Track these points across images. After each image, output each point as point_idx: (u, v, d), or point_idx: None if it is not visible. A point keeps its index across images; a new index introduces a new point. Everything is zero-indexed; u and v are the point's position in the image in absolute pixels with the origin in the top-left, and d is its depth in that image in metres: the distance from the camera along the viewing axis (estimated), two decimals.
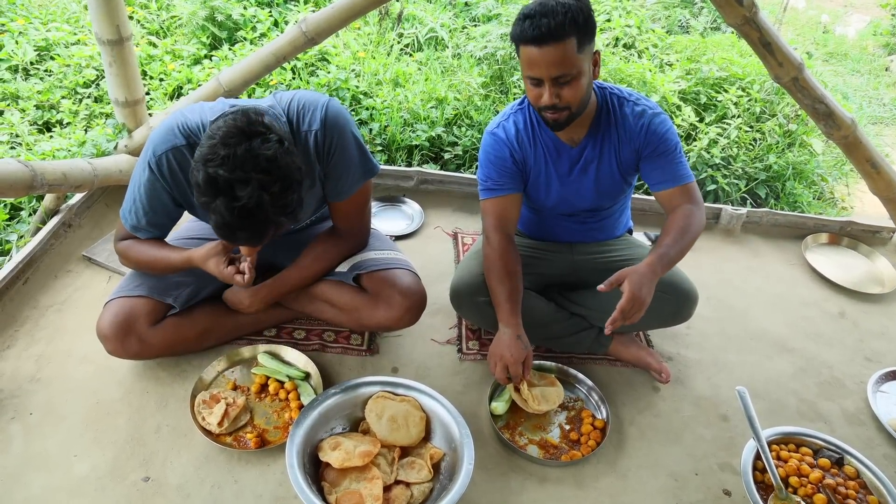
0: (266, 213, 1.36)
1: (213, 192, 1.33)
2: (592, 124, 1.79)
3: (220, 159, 1.31)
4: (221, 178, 1.31)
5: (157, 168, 1.59)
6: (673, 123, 1.81)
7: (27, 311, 2.03)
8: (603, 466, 1.72)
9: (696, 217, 1.75)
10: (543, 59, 1.56)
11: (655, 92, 3.85)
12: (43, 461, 1.60)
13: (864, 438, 1.89)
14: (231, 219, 1.35)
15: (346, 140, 1.66)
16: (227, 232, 1.40)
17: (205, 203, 1.36)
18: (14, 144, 2.92)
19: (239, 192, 1.32)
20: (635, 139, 1.78)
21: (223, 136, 1.33)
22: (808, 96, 2.25)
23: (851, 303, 2.49)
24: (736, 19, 2.07)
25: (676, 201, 1.79)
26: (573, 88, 1.61)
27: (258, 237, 1.42)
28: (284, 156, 1.37)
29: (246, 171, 1.32)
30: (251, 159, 1.32)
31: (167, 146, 1.57)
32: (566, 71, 1.58)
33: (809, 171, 3.68)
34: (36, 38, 3.63)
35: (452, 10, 4.90)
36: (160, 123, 1.62)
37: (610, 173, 1.84)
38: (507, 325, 1.75)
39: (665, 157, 1.77)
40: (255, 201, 1.33)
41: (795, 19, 7.35)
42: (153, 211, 1.67)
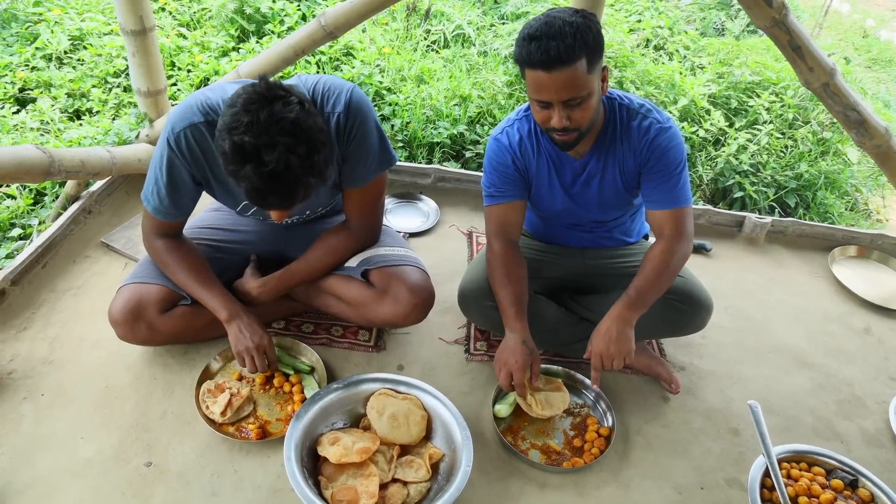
0: (295, 175, 1.36)
1: (240, 159, 1.33)
2: (598, 137, 1.73)
3: (244, 126, 1.31)
4: (248, 145, 1.31)
5: (175, 145, 1.60)
6: (682, 140, 1.73)
7: (45, 294, 2.07)
8: (605, 475, 1.69)
9: (678, 252, 1.71)
10: (553, 83, 1.49)
11: (684, 95, 3.77)
12: (50, 442, 1.63)
13: (883, 461, 1.81)
14: (261, 184, 1.34)
15: (367, 126, 1.66)
16: (257, 197, 1.39)
17: (233, 171, 1.36)
18: (44, 131, 2.99)
19: (266, 157, 1.32)
20: (639, 154, 1.71)
21: (244, 103, 1.34)
22: (840, 103, 2.17)
23: (878, 319, 2.40)
24: (764, 21, 2.00)
25: (663, 229, 1.73)
26: (584, 110, 1.54)
27: (289, 200, 1.42)
28: (307, 117, 1.37)
29: (271, 135, 1.32)
30: (275, 123, 1.32)
31: (185, 123, 1.58)
32: (577, 94, 1.51)
33: (843, 180, 3.56)
34: (71, 27, 3.71)
35: (481, 7, 4.88)
36: (179, 103, 1.63)
37: (614, 187, 1.78)
38: (513, 330, 1.72)
39: (664, 175, 1.69)
40: (284, 164, 1.32)
41: (838, 23, 7.14)
42: (174, 190, 1.67)
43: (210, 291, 1.75)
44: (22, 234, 2.37)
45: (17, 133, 2.93)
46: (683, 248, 1.72)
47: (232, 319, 1.72)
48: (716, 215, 2.78)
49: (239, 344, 1.71)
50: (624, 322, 1.66)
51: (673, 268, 1.71)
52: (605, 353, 1.66)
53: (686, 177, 1.73)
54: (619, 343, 1.65)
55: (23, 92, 3.28)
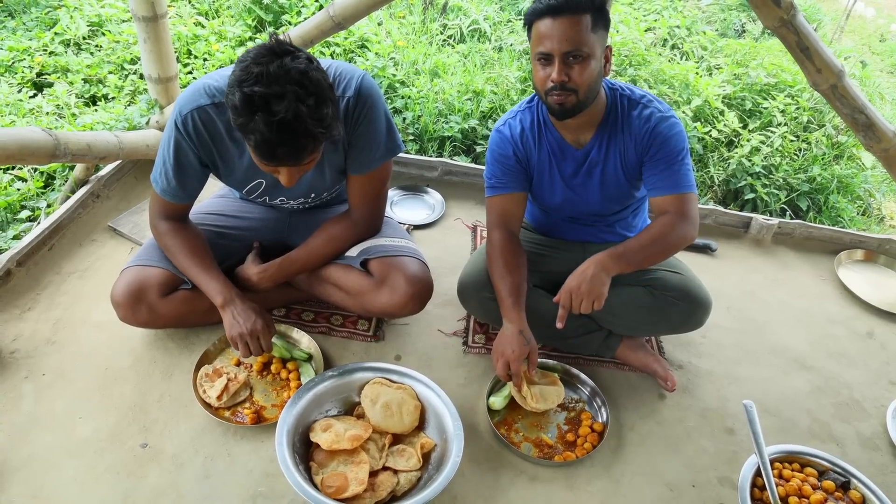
0: (305, 125, 1.36)
1: (250, 110, 1.34)
2: (600, 126, 1.74)
3: (254, 77, 1.33)
4: (258, 95, 1.32)
5: (182, 127, 1.62)
6: (684, 128, 1.74)
7: (50, 276, 2.11)
8: (597, 470, 1.69)
9: (679, 229, 1.69)
10: (557, 30, 1.54)
11: (698, 95, 3.74)
12: (49, 421, 1.65)
13: (878, 464, 1.80)
14: (270, 134, 1.35)
15: (376, 112, 1.68)
16: (267, 150, 1.40)
17: (243, 124, 1.37)
18: (59, 116, 3.04)
19: (276, 107, 1.33)
20: (640, 142, 1.72)
21: (254, 57, 1.36)
22: (848, 105, 2.15)
23: (882, 323, 2.38)
24: (772, 21, 1.99)
25: (666, 209, 1.72)
26: (583, 70, 1.57)
27: (298, 153, 1.42)
28: (315, 71, 1.38)
29: (281, 84, 1.33)
30: (284, 74, 1.33)
31: (192, 106, 1.61)
32: (578, 47, 1.54)
33: (856, 185, 3.52)
34: (90, 13, 3.76)
35: (498, 2, 4.87)
36: (188, 87, 1.66)
37: (615, 178, 1.79)
38: (510, 321, 1.73)
39: (665, 162, 1.70)
40: (293, 113, 1.33)
41: (862, 28, 7.03)
42: (181, 172, 1.70)
43: (208, 276, 1.76)
44: (31, 217, 2.41)
45: (33, 117, 2.98)
46: (685, 228, 1.70)
47: (226, 305, 1.74)
48: (722, 216, 2.76)
49: (232, 329, 1.72)
50: (602, 267, 1.64)
51: (668, 241, 1.68)
52: (574, 290, 1.64)
53: (689, 165, 1.73)
54: (591, 283, 1.63)
55: (40, 76, 3.34)
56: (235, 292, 1.76)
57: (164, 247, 1.80)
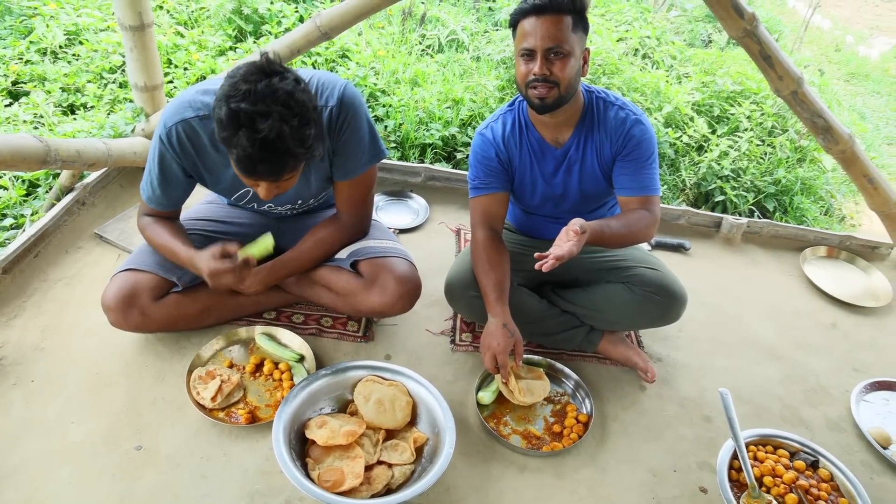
0: (286, 145, 1.41)
1: (235, 125, 1.38)
2: (577, 125, 1.84)
3: (241, 94, 1.37)
4: (243, 112, 1.36)
5: (167, 139, 1.66)
6: (654, 134, 1.84)
7: (36, 283, 2.10)
8: (583, 459, 1.75)
9: (646, 223, 1.78)
10: (540, 28, 1.63)
11: (669, 102, 3.87)
12: (40, 426, 1.65)
13: (844, 445, 1.90)
14: (252, 150, 1.39)
15: (359, 120, 1.73)
16: (248, 165, 1.44)
17: (226, 138, 1.41)
18: (38, 125, 3.02)
19: (260, 125, 1.37)
20: (615, 141, 1.82)
21: (244, 74, 1.40)
22: (807, 110, 2.27)
23: (845, 315, 2.50)
24: (737, 31, 2.10)
25: (634, 209, 1.82)
26: (564, 66, 1.66)
27: (278, 171, 1.46)
28: (301, 93, 1.43)
29: (267, 104, 1.37)
30: (271, 94, 1.38)
31: (177, 118, 1.64)
32: (559, 43, 1.64)
33: (818, 186, 3.68)
34: (66, 22, 3.73)
35: (475, 13, 4.96)
36: (173, 98, 1.69)
37: (593, 175, 1.88)
38: (494, 315, 1.79)
39: (636, 164, 1.80)
40: (276, 132, 1.38)
41: (819, 39, 7.30)
42: (165, 181, 1.73)
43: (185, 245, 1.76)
44: (14, 225, 2.39)
45: (10, 125, 2.95)
46: (652, 229, 1.80)
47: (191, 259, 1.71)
48: (695, 216, 2.87)
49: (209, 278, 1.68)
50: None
51: (637, 231, 1.76)
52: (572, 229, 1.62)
53: (656, 169, 1.82)
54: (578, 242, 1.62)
55: (16, 85, 3.30)
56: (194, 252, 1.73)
57: (147, 237, 1.82)
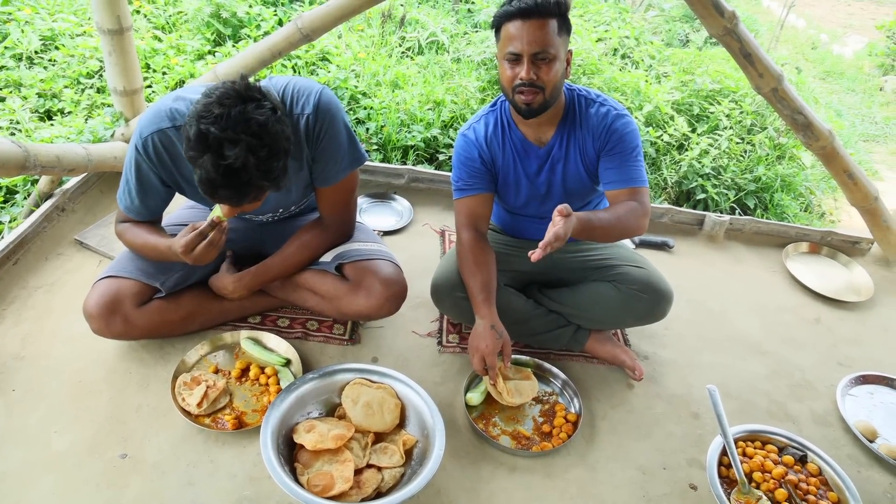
0: (250, 176, 1.39)
1: (202, 147, 1.36)
2: (559, 124, 1.84)
3: (213, 117, 1.35)
4: (212, 136, 1.35)
5: (143, 149, 1.64)
6: (637, 128, 1.84)
7: (16, 290, 2.07)
8: (573, 458, 1.75)
9: (636, 214, 1.74)
10: (527, 32, 1.63)
11: (649, 101, 3.90)
12: (22, 436, 1.62)
13: (831, 439, 1.92)
14: (215, 176, 1.38)
15: (336, 126, 1.71)
16: (209, 188, 1.43)
17: (192, 157, 1.40)
18: (14, 130, 2.97)
19: (227, 152, 1.35)
20: (598, 138, 1.82)
21: (219, 97, 1.38)
22: (788, 107, 2.30)
23: (828, 310, 2.53)
24: (717, 30, 2.12)
25: (622, 201, 1.78)
26: (550, 70, 1.66)
27: (238, 197, 1.45)
28: (275, 123, 1.41)
29: (237, 131, 1.35)
30: (243, 122, 1.36)
31: (153, 128, 1.62)
32: (545, 48, 1.63)
33: (798, 183, 3.73)
34: (42, 27, 3.68)
35: (455, 15, 4.97)
36: (150, 106, 1.67)
37: (577, 172, 1.88)
38: (482, 317, 1.79)
39: (621, 157, 1.80)
40: (241, 162, 1.36)
41: (794, 38, 7.42)
42: (143, 191, 1.72)
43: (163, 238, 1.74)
44: None
45: None
46: (643, 219, 1.75)
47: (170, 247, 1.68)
48: (678, 214, 2.90)
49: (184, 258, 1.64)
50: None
51: (628, 223, 1.72)
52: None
53: (641, 162, 1.82)
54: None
55: None
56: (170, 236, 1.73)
57: (127, 240, 1.80)
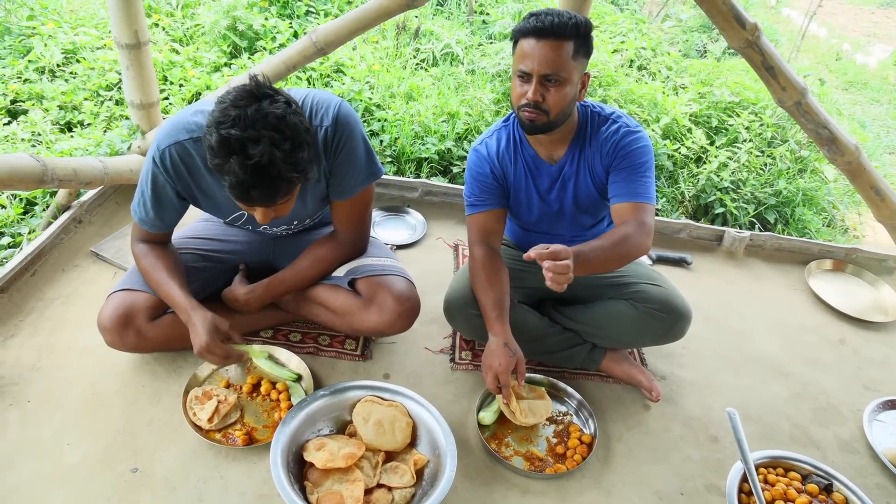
0: (278, 170, 1.39)
1: (226, 152, 1.36)
2: (572, 141, 1.81)
3: (231, 120, 1.35)
4: (234, 138, 1.35)
5: (160, 162, 1.64)
6: (650, 144, 1.79)
7: (33, 302, 2.08)
8: (588, 481, 1.72)
9: (635, 238, 1.66)
10: (539, 52, 1.60)
11: (666, 113, 3.86)
12: (36, 448, 1.63)
13: (857, 467, 1.86)
14: (245, 177, 1.37)
15: (354, 139, 1.71)
16: (241, 191, 1.42)
17: (218, 165, 1.40)
18: (35, 142, 3.01)
19: (251, 150, 1.35)
20: (606, 155, 1.78)
21: (233, 100, 1.38)
22: (812, 121, 2.25)
23: (853, 330, 2.47)
24: (738, 42, 2.08)
25: (624, 218, 1.72)
26: (558, 93, 1.63)
27: (272, 196, 1.44)
28: (292, 116, 1.41)
29: (257, 129, 1.35)
30: (261, 118, 1.36)
31: (170, 141, 1.62)
32: (556, 71, 1.60)
33: (820, 197, 3.66)
34: (64, 41, 3.74)
35: (469, 27, 4.97)
36: (167, 119, 1.67)
37: (587, 190, 1.85)
38: (495, 334, 1.76)
39: (628, 171, 1.75)
40: (268, 158, 1.36)
41: (816, 47, 7.33)
42: (158, 203, 1.71)
43: (174, 290, 1.72)
44: (11, 243, 2.38)
45: (8, 144, 2.95)
46: (641, 237, 1.67)
47: (188, 322, 1.69)
48: (696, 229, 2.85)
49: (195, 348, 1.67)
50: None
51: (627, 247, 1.64)
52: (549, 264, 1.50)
53: (651, 179, 1.77)
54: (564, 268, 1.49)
55: (14, 104, 3.30)
56: (192, 306, 1.69)
57: (141, 269, 1.79)
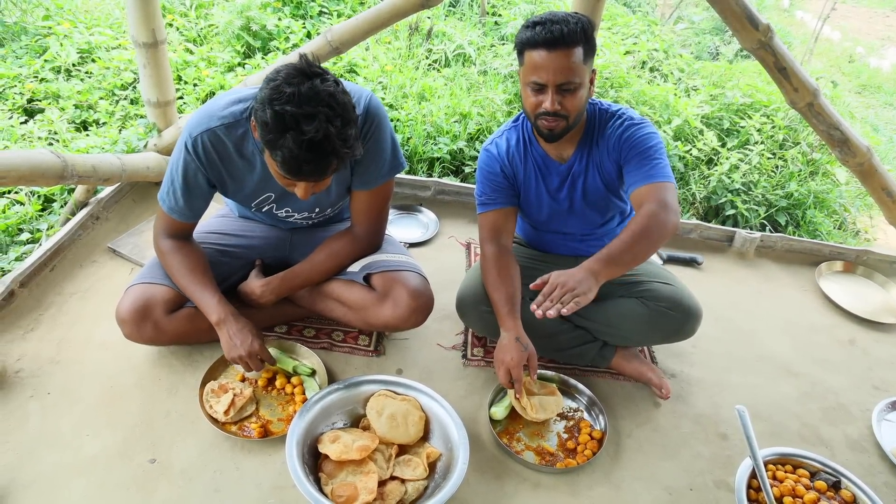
0: (333, 145, 1.42)
1: (281, 128, 1.39)
2: (580, 141, 1.83)
3: (286, 97, 1.38)
4: (289, 114, 1.37)
5: (192, 149, 1.67)
6: (657, 132, 1.78)
7: (52, 296, 2.12)
8: (598, 476, 1.73)
9: (659, 219, 1.61)
10: (552, 63, 1.60)
11: (678, 115, 3.87)
12: (56, 439, 1.66)
13: (866, 465, 1.87)
14: (299, 152, 1.40)
15: (382, 131, 1.75)
16: (293, 166, 1.44)
17: (271, 140, 1.42)
18: (52, 141, 3.06)
19: (306, 127, 1.38)
20: (613, 151, 1.79)
21: (286, 77, 1.41)
22: (824, 122, 2.26)
23: (863, 331, 2.47)
24: (751, 43, 2.10)
25: (643, 200, 1.67)
26: (575, 98, 1.65)
27: (322, 171, 1.47)
28: (342, 94, 1.45)
29: (312, 106, 1.38)
30: (315, 95, 1.39)
31: (202, 128, 1.66)
32: (571, 78, 1.62)
33: (832, 200, 3.65)
34: (79, 41, 3.79)
35: (482, 28, 4.99)
36: (197, 110, 1.71)
37: (595, 187, 1.87)
38: (507, 329, 1.78)
39: (639, 157, 1.73)
40: (323, 133, 1.39)
41: (829, 50, 7.30)
42: (188, 191, 1.74)
43: (205, 293, 1.78)
44: (30, 239, 2.42)
45: (25, 142, 2.99)
46: (665, 215, 1.63)
47: (221, 324, 1.76)
48: (707, 230, 2.86)
49: (232, 351, 1.75)
50: (589, 272, 1.55)
51: (651, 233, 1.61)
52: (560, 282, 1.52)
53: (664, 161, 1.74)
54: (578, 282, 1.52)
55: (31, 102, 3.35)
56: (230, 311, 1.78)
57: (166, 265, 1.83)
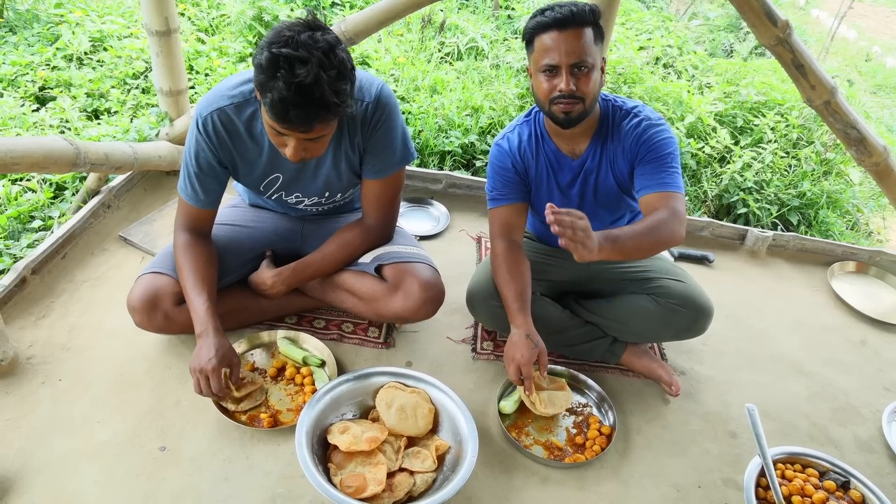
0: (322, 92, 1.41)
1: (273, 68, 1.39)
2: (594, 136, 1.82)
3: (283, 40, 1.40)
4: (283, 56, 1.38)
5: (203, 128, 1.68)
6: (674, 136, 1.77)
7: (63, 284, 2.13)
8: (606, 472, 1.73)
9: (671, 227, 1.61)
10: (564, 42, 1.60)
11: (691, 112, 3.85)
12: (67, 425, 1.67)
13: (875, 466, 1.86)
14: (288, 94, 1.40)
15: (393, 119, 1.75)
16: (280, 109, 1.43)
17: (263, 82, 1.42)
18: (64, 129, 3.07)
19: (298, 70, 1.38)
20: (628, 149, 1.78)
21: (289, 25, 1.43)
22: (840, 121, 2.24)
23: (875, 332, 2.45)
24: (769, 39, 2.08)
25: (655, 206, 1.67)
26: (589, 79, 1.64)
27: (309, 119, 1.45)
28: (342, 51, 1.46)
29: (308, 50, 1.39)
30: (313, 43, 1.40)
31: (212, 108, 1.66)
32: (584, 58, 1.61)
33: (845, 200, 3.62)
34: (91, 29, 3.79)
35: (495, 21, 4.97)
36: (209, 91, 1.72)
37: (607, 185, 1.85)
38: (517, 326, 1.78)
39: (653, 163, 1.73)
40: (313, 77, 1.39)
41: (845, 49, 7.23)
42: (202, 175, 1.75)
43: (197, 298, 1.73)
44: (42, 227, 2.43)
45: (37, 130, 3.00)
46: (675, 225, 1.63)
47: (201, 335, 1.68)
48: (719, 228, 2.84)
49: (192, 362, 1.66)
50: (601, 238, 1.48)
51: (660, 234, 1.59)
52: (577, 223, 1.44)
53: (677, 170, 1.74)
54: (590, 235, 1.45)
55: (43, 91, 3.36)
56: (214, 325, 1.69)
57: (176, 260, 1.82)
